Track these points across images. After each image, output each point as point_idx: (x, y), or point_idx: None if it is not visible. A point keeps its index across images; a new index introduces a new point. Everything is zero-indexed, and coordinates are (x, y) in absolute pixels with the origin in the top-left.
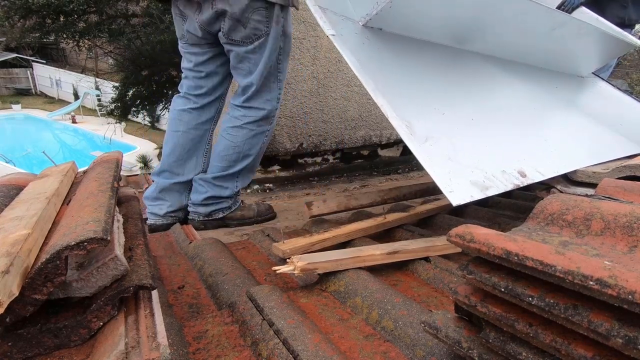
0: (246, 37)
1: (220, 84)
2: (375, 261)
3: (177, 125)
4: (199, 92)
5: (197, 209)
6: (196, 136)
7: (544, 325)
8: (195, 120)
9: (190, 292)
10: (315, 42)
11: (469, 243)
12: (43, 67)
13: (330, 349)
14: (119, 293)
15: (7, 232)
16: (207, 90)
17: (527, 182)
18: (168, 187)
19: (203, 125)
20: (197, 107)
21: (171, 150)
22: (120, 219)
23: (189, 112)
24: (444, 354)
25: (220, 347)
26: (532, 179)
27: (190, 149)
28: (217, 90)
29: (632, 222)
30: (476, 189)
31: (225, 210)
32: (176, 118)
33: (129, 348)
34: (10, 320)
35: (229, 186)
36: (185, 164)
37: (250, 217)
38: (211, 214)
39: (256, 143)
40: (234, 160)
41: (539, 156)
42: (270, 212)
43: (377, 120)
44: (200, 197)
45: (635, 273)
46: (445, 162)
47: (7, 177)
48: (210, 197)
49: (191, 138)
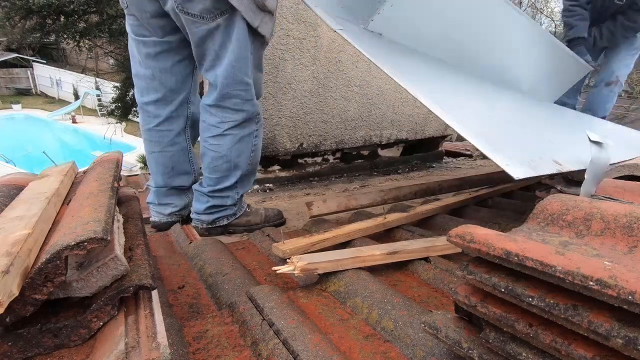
0: (207, 10)
1: (181, 86)
2: (375, 261)
3: (150, 146)
4: (153, 99)
5: (200, 217)
6: (175, 152)
7: (544, 326)
8: (167, 137)
9: (190, 292)
10: (315, 42)
11: (469, 243)
12: (43, 67)
13: (330, 349)
14: (119, 293)
15: (8, 232)
16: (164, 95)
17: (563, 169)
18: (166, 193)
19: (177, 139)
20: (162, 121)
21: (156, 170)
22: (121, 219)
23: (156, 131)
24: (444, 354)
25: (220, 347)
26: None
27: (174, 166)
28: (178, 94)
29: (632, 222)
30: (529, 168)
31: (230, 217)
32: (146, 139)
33: (129, 348)
34: (11, 320)
35: (229, 195)
36: (176, 178)
37: (257, 223)
38: (215, 222)
39: (245, 148)
40: (226, 170)
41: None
42: (280, 218)
43: (377, 120)
44: (202, 207)
45: (635, 273)
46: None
47: (7, 177)
48: (212, 207)
49: (170, 156)
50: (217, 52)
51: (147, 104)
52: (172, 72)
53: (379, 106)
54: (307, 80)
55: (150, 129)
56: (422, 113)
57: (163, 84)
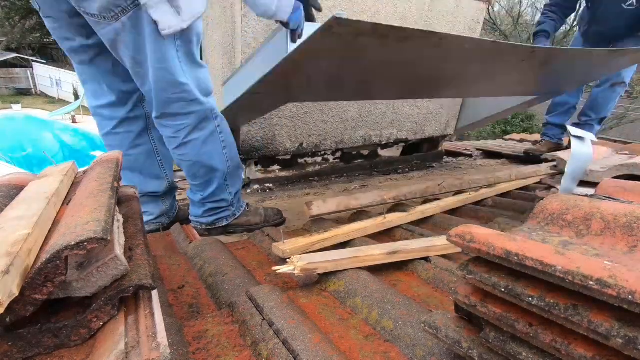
0: (105, 9)
1: (130, 85)
2: (375, 261)
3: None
4: (105, 102)
5: (199, 219)
6: (138, 155)
7: (544, 326)
8: (127, 140)
9: (190, 292)
10: None
11: (469, 243)
12: (43, 67)
13: (330, 349)
14: (119, 293)
15: (8, 232)
16: (117, 97)
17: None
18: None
19: (138, 141)
20: (118, 123)
21: (124, 177)
22: (121, 219)
23: (114, 134)
24: (444, 354)
25: (220, 347)
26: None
27: (142, 169)
28: (130, 95)
29: (632, 222)
30: None
31: (229, 217)
32: (106, 144)
33: (129, 348)
34: (11, 320)
35: (222, 197)
36: (147, 183)
37: (257, 223)
38: (214, 223)
39: (214, 149)
40: (205, 175)
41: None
42: (279, 218)
43: (377, 120)
44: (199, 212)
45: (635, 273)
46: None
47: (7, 177)
48: (209, 210)
49: (134, 160)
50: (135, 58)
51: (100, 107)
52: (115, 74)
53: (379, 106)
54: None
55: (108, 133)
56: (422, 113)
57: (110, 87)
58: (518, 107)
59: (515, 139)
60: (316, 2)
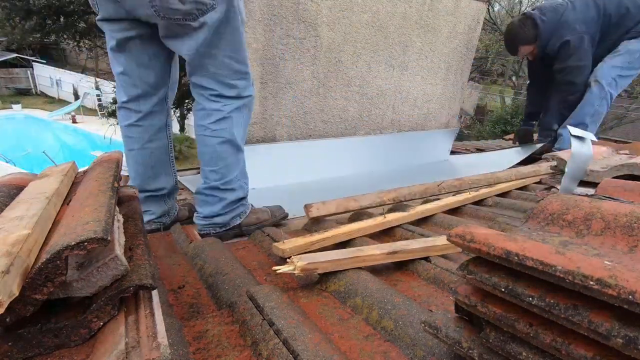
0: (188, 13)
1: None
2: (375, 261)
3: (130, 143)
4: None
5: (214, 220)
6: (155, 149)
7: (544, 325)
8: (147, 133)
9: (190, 292)
10: (315, 42)
11: (469, 243)
12: (43, 67)
13: (330, 349)
14: (119, 293)
15: (8, 232)
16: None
17: None
18: (144, 199)
19: (158, 135)
20: (142, 117)
21: (135, 171)
22: (121, 219)
23: (137, 126)
24: (444, 354)
25: (220, 347)
26: None
27: (154, 165)
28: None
29: (632, 222)
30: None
31: (242, 215)
32: (126, 135)
33: (129, 348)
34: (11, 320)
35: (240, 185)
36: (156, 180)
37: (267, 219)
38: (229, 223)
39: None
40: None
41: None
42: (283, 212)
43: (377, 120)
44: (217, 208)
45: (635, 273)
46: None
47: (7, 177)
48: (228, 205)
49: (150, 153)
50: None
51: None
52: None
53: (379, 106)
54: (307, 79)
55: (131, 125)
56: (422, 113)
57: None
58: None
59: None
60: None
